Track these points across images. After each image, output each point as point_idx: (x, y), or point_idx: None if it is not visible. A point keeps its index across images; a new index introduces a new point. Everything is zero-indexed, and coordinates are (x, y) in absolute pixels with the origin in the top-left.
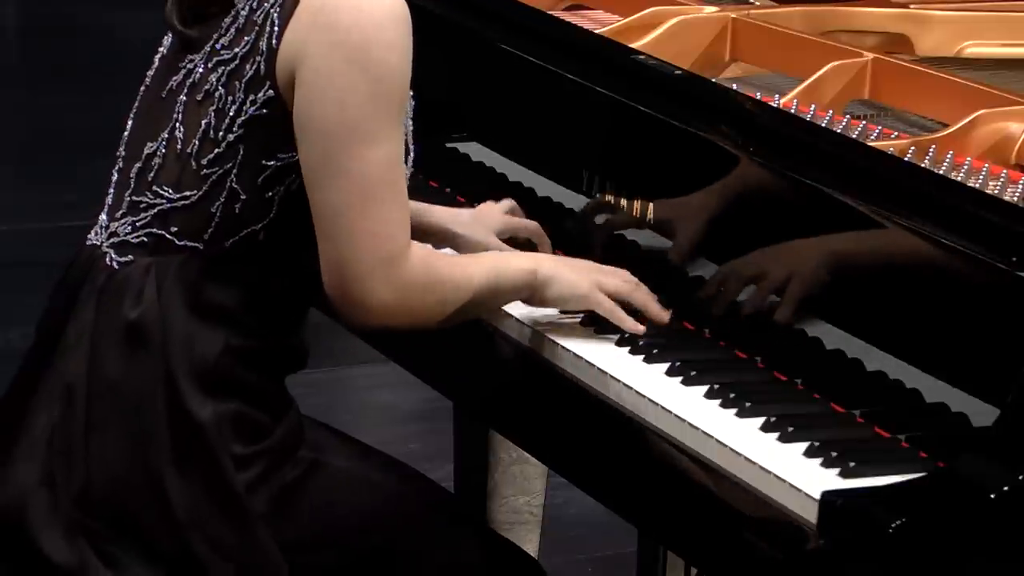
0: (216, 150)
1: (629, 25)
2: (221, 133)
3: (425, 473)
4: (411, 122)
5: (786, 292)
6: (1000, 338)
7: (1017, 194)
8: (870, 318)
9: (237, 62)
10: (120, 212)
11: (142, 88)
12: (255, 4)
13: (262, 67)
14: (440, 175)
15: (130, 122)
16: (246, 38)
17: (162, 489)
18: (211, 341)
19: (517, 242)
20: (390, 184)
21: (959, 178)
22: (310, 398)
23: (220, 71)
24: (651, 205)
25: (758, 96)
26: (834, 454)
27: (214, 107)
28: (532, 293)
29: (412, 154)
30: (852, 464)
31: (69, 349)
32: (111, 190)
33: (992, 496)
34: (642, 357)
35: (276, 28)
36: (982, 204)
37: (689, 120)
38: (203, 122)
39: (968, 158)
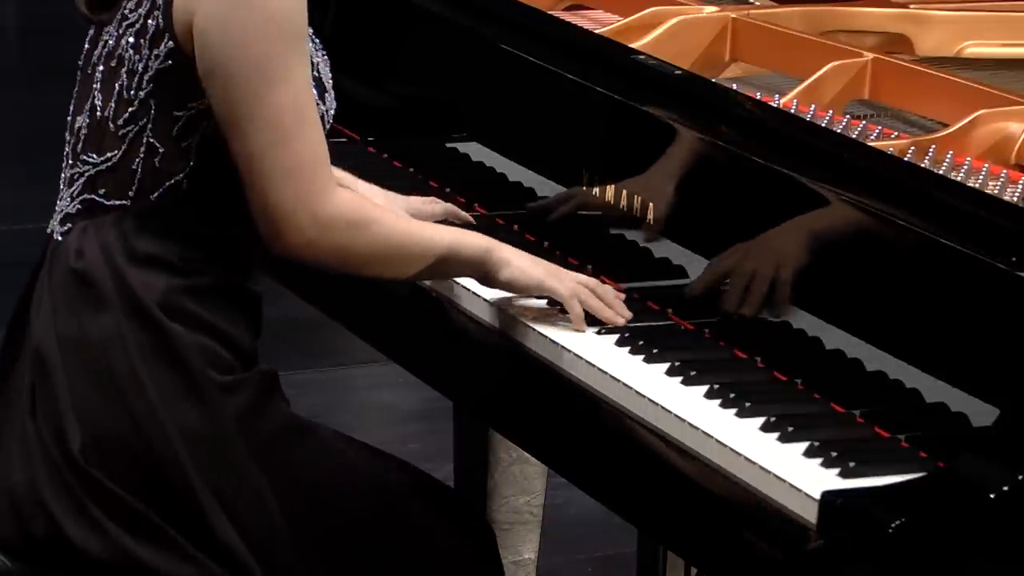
0: (130, 109)
1: (629, 25)
2: (132, 92)
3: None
4: (324, 59)
5: (786, 292)
6: (1000, 338)
7: (1017, 194)
8: (870, 318)
9: (141, 21)
10: (62, 190)
11: (78, 74)
12: None
13: (161, 21)
14: (440, 175)
15: (71, 106)
16: None
17: (154, 428)
18: (155, 282)
19: None
20: (301, 120)
21: (959, 178)
22: (309, 398)
23: (128, 33)
24: (651, 205)
25: (758, 96)
26: (834, 454)
27: (125, 68)
28: (485, 272)
29: (330, 92)
30: (852, 464)
31: (32, 322)
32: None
33: (992, 496)
34: (642, 357)
35: None
36: (982, 204)
37: (689, 120)
38: (116, 84)
39: (968, 158)
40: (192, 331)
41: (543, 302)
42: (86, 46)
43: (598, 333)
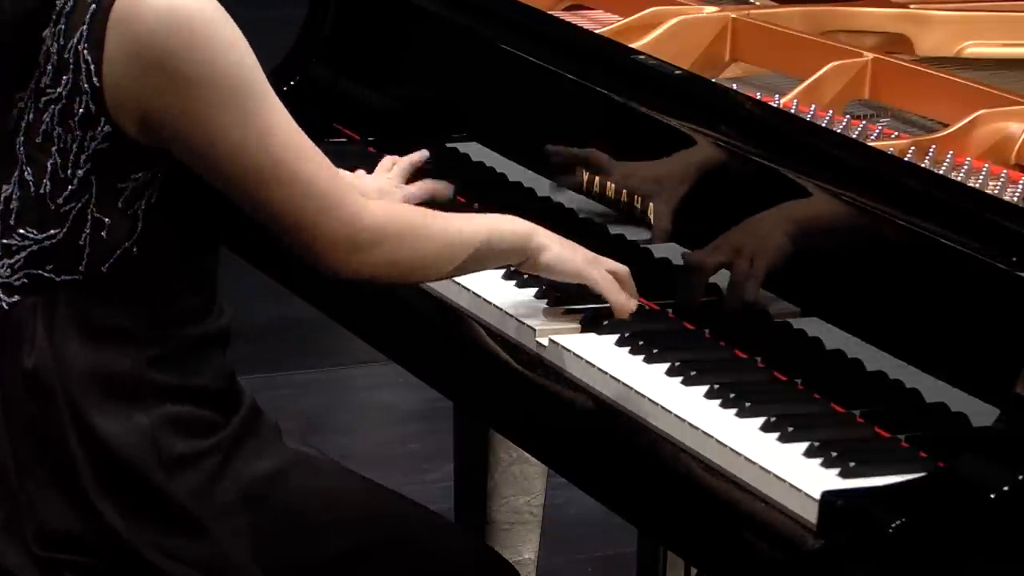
0: (69, 187)
1: (629, 25)
2: (69, 171)
3: (425, 473)
4: None
5: (786, 292)
6: (1000, 338)
7: (1017, 194)
8: (870, 318)
9: (64, 101)
10: None
11: None
12: (62, 40)
13: (91, 106)
14: (440, 175)
15: None
16: (64, 77)
17: (98, 514)
18: (120, 362)
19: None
20: (303, 157)
21: (959, 178)
22: (309, 398)
23: (51, 110)
24: (651, 205)
25: (758, 96)
26: (834, 454)
27: (55, 147)
28: (526, 257)
29: None
30: (852, 464)
31: None
32: None
33: (992, 496)
34: (642, 357)
35: (92, 66)
36: (982, 204)
37: (689, 120)
38: (49, 163)
39: (968, 158)
40: (162, 405)
41: (543, 302)
42: None
43: (599, 334)
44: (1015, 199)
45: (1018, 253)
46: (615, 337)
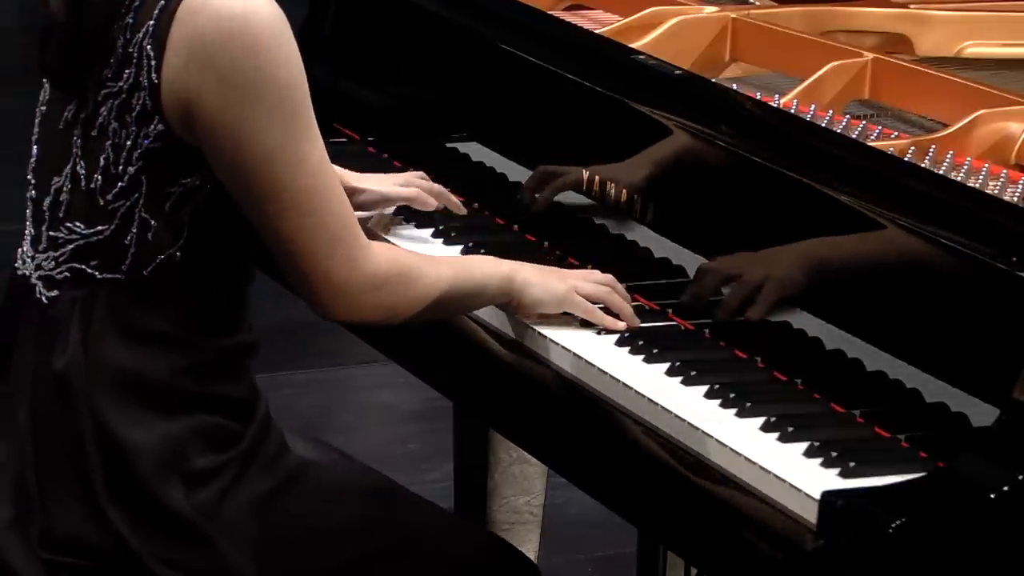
0: (120, 184)
1: (629, 25)
2: (121, 167)
3: (425, 473)
4: None
5: (786, 292)
6: (1000, 338)
7: (1017, 194)
8: (870, 318)
9: (124, 96)
10: (42, 246)
11: (40, 107)
12: (128, 35)
13: (148, 103)
14: (440, 175)
15: (35, 147)
16: (127, 71)
17: (107, 521)
18: (154, 366)
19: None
20: (326, 192)
21: (959, 178)
22: (310, 398)
23: (109, 104)
24: (651, 205)
25: (758, 96)
26: (834, 454)
27: (110, 142)
28: (511, 298)
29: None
30: (852, 464)
31: (15, 393)
32: (29, 220)
33: (992, 496)
34: (642, 357)
35: (153, 62)
36: (982, 204)
37: (689, 120)
38: (101, 158)
39: (968, 158)
40: (191, 415)
41: None
42: (45, 97)
43: (598, 333)
44: (1015, 199)
45: (1018, 253)
46: (615, 337)
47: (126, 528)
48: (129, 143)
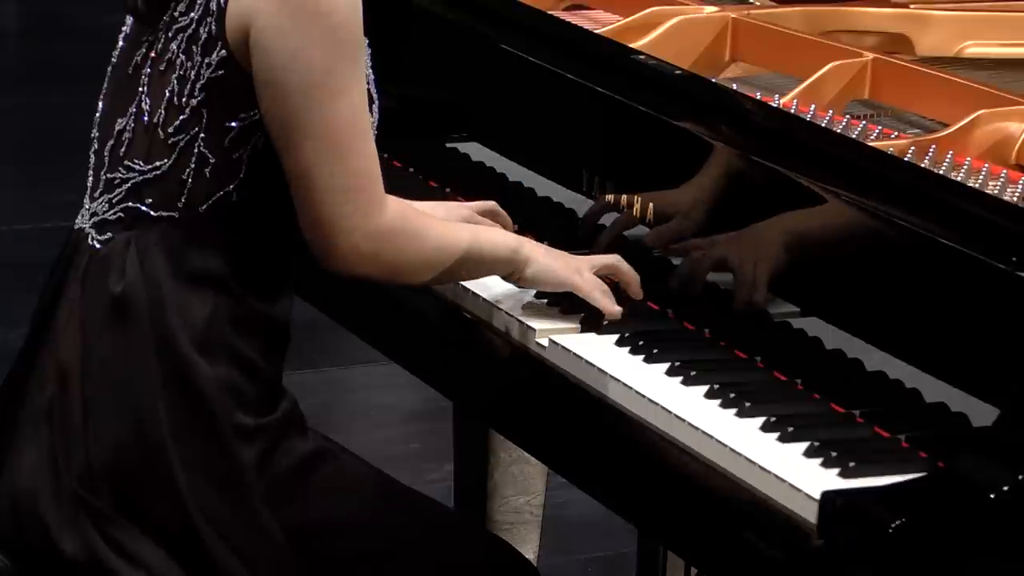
0: (181, 117)
1: (629, 25)
2: (184, 99)
3: (425, 473)
4: (371, 72)
5: (785, 292)
6: (1000, 338)
7: (1017, 194)
8: (870, 318)
9: (193, 27)
10: (98, 191)
11: (109, 68)
12: None
13: (213, 28)
14: (440, 175)
15: (100, 103)
16: (198, 1)
17: (163, 463)
18: (200, 304)
19: None
20: (357, 135)
21: (959, 178)
22: (309, 398)
23: (179, 38)
24: (651, 205)
25: (758, 96)
26: (834, 454)
27: (176, 74)
28: (513, 269)
29: (376, 102)
30: (852, 464)
31: (60, 331)
32: (90, 172)
33: (992, 496)
34: (642, 357)
35: None
36: (982, 204)
37: (689, 120)
38: (167, 91)
39: (968, 158)
40: (224, 365)
41: (543, 301)
42: (121, 44)
43: (598, 333)
44: (1015, 199)
45: (1018, 253)
46: (615, 337)
47: (180, 474)
48: (193, 74)
